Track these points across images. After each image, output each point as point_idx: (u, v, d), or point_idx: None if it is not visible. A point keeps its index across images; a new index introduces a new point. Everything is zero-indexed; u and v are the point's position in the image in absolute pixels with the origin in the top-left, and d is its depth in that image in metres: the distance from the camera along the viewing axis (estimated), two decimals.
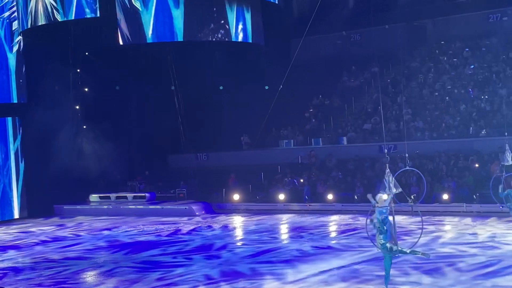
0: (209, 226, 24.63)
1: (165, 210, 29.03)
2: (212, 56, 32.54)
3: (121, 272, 16.89)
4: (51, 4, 26.68)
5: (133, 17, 26.46)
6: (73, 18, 26.50)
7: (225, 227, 24.52)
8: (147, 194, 31.33)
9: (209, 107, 34.35)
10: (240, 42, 28.48)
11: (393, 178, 13.54)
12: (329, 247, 18.80)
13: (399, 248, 13.15)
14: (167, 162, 35.59)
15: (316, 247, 18.87)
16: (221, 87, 34.78)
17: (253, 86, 33.79)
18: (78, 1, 26.34)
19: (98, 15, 26.20)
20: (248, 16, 27.66)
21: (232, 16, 26.95)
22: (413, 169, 20.13)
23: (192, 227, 24.57)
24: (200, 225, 25.15)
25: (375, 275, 14.57)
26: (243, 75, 33.67)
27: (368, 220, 13.33)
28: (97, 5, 26.20)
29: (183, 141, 36.07)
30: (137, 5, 26.11)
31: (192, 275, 16.00)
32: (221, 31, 26.96)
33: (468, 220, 22.21)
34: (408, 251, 13.45)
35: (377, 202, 13.14)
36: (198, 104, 34.90)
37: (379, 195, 13.50)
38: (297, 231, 22.28)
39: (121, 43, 26.81)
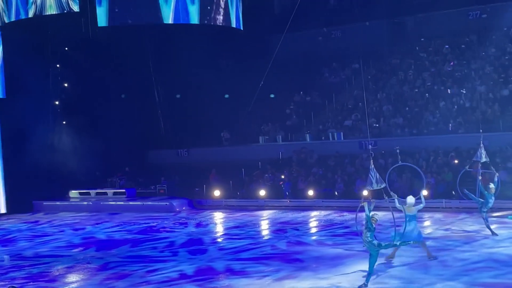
0: (188, 222, 24.57)
1: (146, 206, 28.91)
2: (192, 51, 32.44)
3: (85, 269, 16.80)
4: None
5: None
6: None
7: (205, 223, 24.46)
8: (127, 190, 31.19)
9: (189, 103, 34.24)
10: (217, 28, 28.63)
11: (377, 173, 13.68)
12: (309, 244, 18.83)
13: (388, 243, 13.30)
14: (147, 158, 35.45)
15: (295, 243, 18.89)
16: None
17: (233, 81, 33.73)
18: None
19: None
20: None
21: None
22: (408, 163, 20.20)
23: (172, 223, 24.49)
24: (180, 221, 25.07)
25: (353, 270, 14.64)
26: (224, 71, 33.66)
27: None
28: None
29: (163, 137, 35.96)
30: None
31: (167, 271, 15.93)
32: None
33: (445, 215, 22.38)
34: (398, 243, 13.61)
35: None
36: (179, 100, 34.80)
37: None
38: (277, 228, 22.28)
39: None
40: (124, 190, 31.31)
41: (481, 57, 31.55)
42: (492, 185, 17.72)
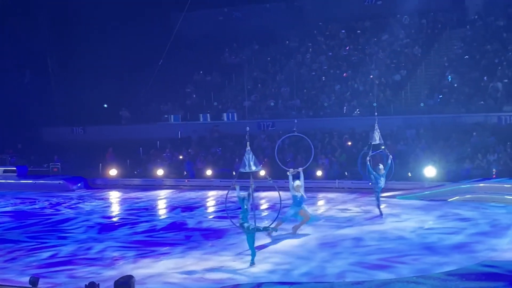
0: (81, 201, 24.05)
1: (38, 185, 27.96)
2: (91, 24, 31.63)
3: None
4: None
5: None
6: None
7: (99, 202, 24.03)
8: (17, 168, 30.00)
9: (86, 79, 33.34)
10: None
11: (253, 156, 13.96)
12: (205, 223, 18.94)
13: (256, 226, 13.56)
14: (40, 135, 34.30)
15: (192, 223, 18.95)
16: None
17: (133, 59, 33.17)
18: None
19: None
20: None
21: None
22: (299, 134, 20.62)
23: (64, 202, 23.88)
24: (72, 200, 24.47)
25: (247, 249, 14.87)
26: (123, 47, 33.02)
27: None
28: None
29: (58, 114, 34.91)
30: None
31: (73, 249, 15.62)
32: None
33: (338, 195, 23.10)
34: (261, 228, 13.94)
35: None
36: (75, 76, 33.83)
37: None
38: (174, 207, 22.23)
39: None
40: (14, 168, 30.08)
41: (374, 42, 32.66)
42: (381, 166, 18.45)
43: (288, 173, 16.02)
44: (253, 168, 13.87)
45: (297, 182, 15.96)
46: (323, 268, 13.12)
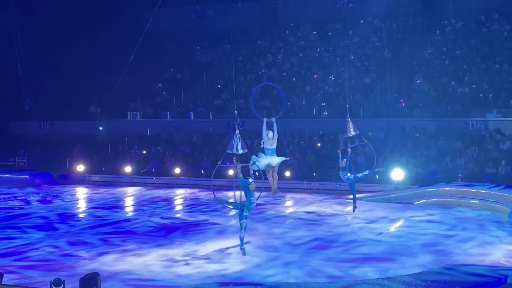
0: (48, 197, 23.75)
1: (3, 179, 27.49)
2: (63, 16, 31.26)
3: None
4: None
5: None
6: None
7: (67, 198, 23.76)
8: None
9: (55, 73, 32.92)
10: None
11: (241, 139, 13.88)
12: (173, 220, 18.87)
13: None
14: (6, 129, 33.80)
15: (160, 219, 18.87)
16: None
17: (104, 54, 32.85)
18: None
19: None
20: None
21: None
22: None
23: (32, 198, 23.56)
24: (41, 196, 24.16)
25: (216, 244, 14.87)
26: (93, 42, 32.72)
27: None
28: None
29: (25, 107, 34.45)
30: None
31: (39, 245, 15.44)
32: None
33: (305, 196, 23.18)
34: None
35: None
36: (44, 69, 33.39)
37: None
38: (142, 204, 22.11)
39: None
40: None
41: (345, 45, 32.85)
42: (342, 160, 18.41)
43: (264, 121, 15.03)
44: (240, 151, 13.84)
45: (271, 133, 15.30)
46: (278, 270, 13.16)
